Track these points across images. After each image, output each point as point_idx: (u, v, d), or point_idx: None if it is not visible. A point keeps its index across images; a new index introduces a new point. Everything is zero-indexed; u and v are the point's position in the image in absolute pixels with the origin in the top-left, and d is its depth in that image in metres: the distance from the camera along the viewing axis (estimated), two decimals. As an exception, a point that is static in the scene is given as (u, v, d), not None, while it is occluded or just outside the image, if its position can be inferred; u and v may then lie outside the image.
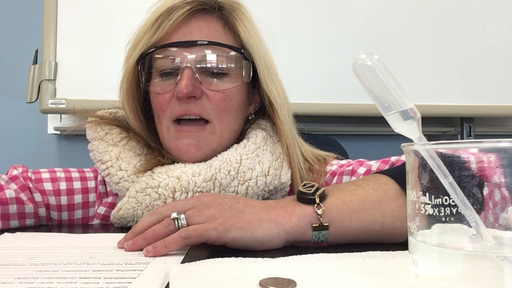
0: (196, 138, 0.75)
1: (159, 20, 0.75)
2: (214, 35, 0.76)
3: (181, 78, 0.72)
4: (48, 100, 1.47)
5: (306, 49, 1.60)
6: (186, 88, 0.71)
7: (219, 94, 0.75)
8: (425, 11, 1.65)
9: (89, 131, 0.82)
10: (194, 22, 0.76)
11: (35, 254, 0.52)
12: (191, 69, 0.73)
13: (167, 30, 0.75)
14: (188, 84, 0.71)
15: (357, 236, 0.56)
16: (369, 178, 0.61)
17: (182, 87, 0.71)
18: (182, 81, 0.72)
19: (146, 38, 0.75)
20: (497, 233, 0.30)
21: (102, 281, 0.41)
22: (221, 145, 0.77)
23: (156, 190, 0.71)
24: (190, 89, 0.71)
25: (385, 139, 1.69)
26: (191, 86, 0.72)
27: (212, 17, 0.78)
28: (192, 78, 0.72)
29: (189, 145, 0.74)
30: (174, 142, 0.75)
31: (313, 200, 0.55)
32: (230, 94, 0.76)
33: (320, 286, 0.38)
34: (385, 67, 0.36)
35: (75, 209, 0.81)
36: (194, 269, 0.42)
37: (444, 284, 0.31)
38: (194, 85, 0.72)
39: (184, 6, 0.75)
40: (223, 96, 0.75)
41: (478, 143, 0.30)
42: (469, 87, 1.66)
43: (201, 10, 0.77)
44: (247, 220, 0.54)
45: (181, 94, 0.71)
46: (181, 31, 0.76)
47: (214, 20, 0.78)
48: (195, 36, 0.75)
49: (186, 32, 0.75)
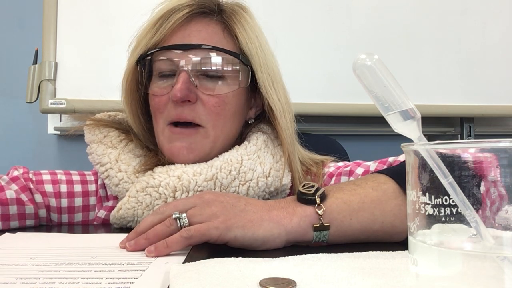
0: (188, 141, 0.74)
1: (159, 22, 0.75)
2: (213, 38, 0.76)
3: (176, 82, 0.72)
4: (48, 100, 1.47)
5: (307, 49, 1.60)
6: (180, 92, 0.71)
7: (214, 99, 0.74)
8: (425, 11, 1.65)
9: (88, 134, 0.81)
10: (193, 25, 0.76)
11: (37, 254, 0.52)
12: (187, 72, 0.73)
13: (166, 32, 0.75)
14: (183, 88, 0.71)
15: (357, 236, 0.56)
16: (367, 178, 0.61)
17: (177, 90, 0.71)
18: (177, 84, 0.72)
19: (146, 40, 0.75)
20: (497, 233, 0.30)
21: (105, 281, 0.41)
22: (214, 149, 0.76)
23: (157, 189, 0.71)
24: (185, 93, 0.71)
25: (385, 139, 1.69)
26: (186, 90, 0.71)
27: (211, 20, 0.78)
28: (188, 82, 0.72)
29: (181, 147, 0.74)
30: (167, 145, 0.75)
31: (313, 200, 0.55)
32: (226, 99, 0.75)
33: (320, 286, 0.38)
34: (385, 67, 0.36)
35: (75, 212, 0.81)
36: (194, 269, 0.42)
37: (444, 284, 0.31)
38: (189, 89, 0.72)
39: (184, 8, 0.75)
40: (218, 101, 0.75)
41: (478, 143, 0.30)
42: (469, 87, 1.66)
43: (200, 13, 0.77)
44: (248, 219, 0.54)
45: (175, 98, 0.71)
46: (180, 33, 0.75)
47: (214, 24, 0.78)
48: (194, 39, 0.75)
49: (185, 35, 0.75)
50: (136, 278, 0.42)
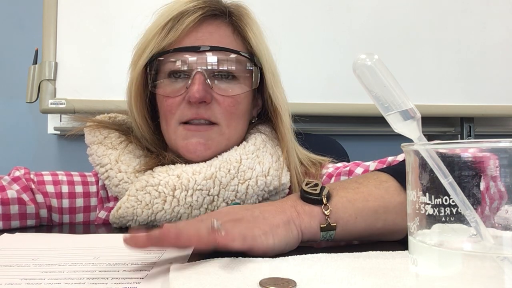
0: (205, 137, 0.75)
1: (169, 24, 0.75)
2: (225, 40, 0.77)
3: (192, 83, 0.73)
4: (48, 100, 1.47)
5: (306, 49, 1.60)
6: (198, 93, 0.72)
7: (228, 99, 0.76)
8: (425, 11, 1.65)
9: (88, 135, 0.81)
10: (205, 27, 0.77)
11: (38, 255, 0.51)
12: (202, 74, 0.73)
13: (179, 35, 0.75)
14: (200, 89, 0.72)
15: (361, 234, 0.56)
16: (368, 176, 0.61)
17: (194, 91, 0.72)
18: (194, 85, 0.72)
19: (156, 42, 0.75)
20: (497, 233, 0.30)
21: (110, 281, 0.41)
22: (228, 147, 0.77)
23: (156, 188, 0.71)
24: (202, 94, 0.72)
25: (385, 139, 1.69)
26: (203, 91, 0.72)
27: (222, 22, 0.78)
28: (204, 83, 0.73)
29: (198, 143, 0.75)
30: (182, 141, 0.76)
31: (320, 200, 0.54)
32: (239, 98, 0.77)
33: (320, 286, 0.38)
34: (385, 67, 0.36)
35: (77, 213, 0.81)
36: (194, 269, 0.42)
37: (444, 284, 0.31)
38: (206, 90, 0.73)
39: (197, 11, 0.76)
40: (232, 101, 0.76)
41: (478, 143, 0.30)
42: (469, 87, 1.66)
43: (212, 15, 0.78)
44: (274, 224, 0.51)
45: (194, 99, 0.72)
46: (192, 35, 0.76)
47: (225, 26, 0.78)
48: (206, 41, 0.75)
49: (197, 37, 0.76)
50: (142, 278, 0.42)
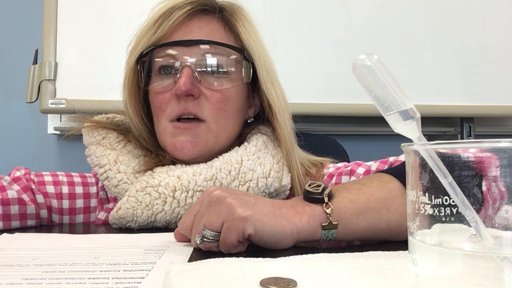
0: (192, 135, 0.74)
1: (159, 20, 0.75)
2: (214, 35, 0.76)
3: (180, 76, 0.72)
4: (48, 100, 1.47)
5: (306, 49, 1.60)
6: (184, 86, 0.71)
7: (217, 94, 0.75)
8: (425, 11, 1.66)
9: (86, 136, 0.81)
10: (194, 22, 0.77)
11: (38, 255, 0.51)
12: (190, 68, 0.73)
13: (168, 30, 0.75)
14: (187, 82, 0.71)
15: (364, 234, 0.56)
16: (372, 177, 0.61)
17: (181, 84, 0.71)
18: (181, 79, 0.72)
19: (146, 38, 0.75)
20: (497, 233, 0.30)
21: (111, 281, 0.41)
22: (217, 145, 0.76)
23: (157, 189, 0.71)
24: (189, 87, 0.71)
25: (385, 139, 1.69)
26: (190, 84, 0.72)
27: (213, 17, 0.78)
28: (191, 77, 0.72)
29: (185, 141, 0.74)
30: (170, 139, 0.75)
31: (321, 199, 0.54)
32: (229, 94, 0.76)
33: (320, 286, 0.38)
34: (385, 67, 0.36)
35: (77, 214, 0.81)
36: (194, 269, 0.42)
37: (444, 284, 0.31)
38: (193, 83, 0.72)
39: (185, 6, 0.76)
40: (221, 96, 0.75)
41: (478, 143, 0.30)
42: (469, 87, 1.67)
43: (201, 10, 0.78)
44: (263, 212, 0.52)
45: (180, 91, 0.71)
46: (181, 30, 0.76)
47: (215, 21, 0.78)
48: (196, 36, 0.75)
49: (187, 31, 0.76)
50: (142, 278, 0.42)
